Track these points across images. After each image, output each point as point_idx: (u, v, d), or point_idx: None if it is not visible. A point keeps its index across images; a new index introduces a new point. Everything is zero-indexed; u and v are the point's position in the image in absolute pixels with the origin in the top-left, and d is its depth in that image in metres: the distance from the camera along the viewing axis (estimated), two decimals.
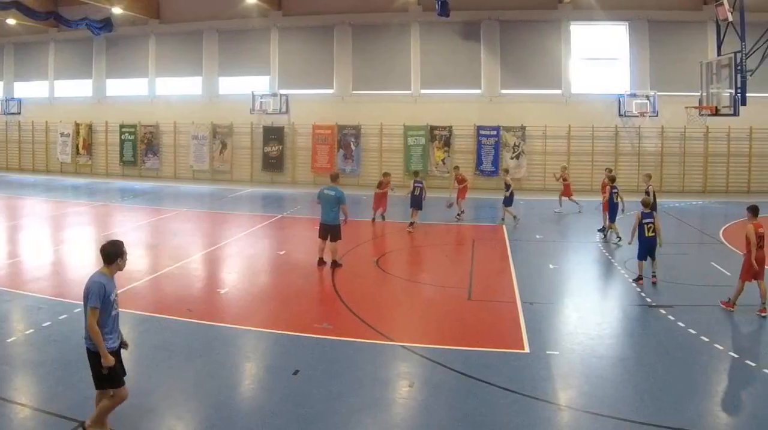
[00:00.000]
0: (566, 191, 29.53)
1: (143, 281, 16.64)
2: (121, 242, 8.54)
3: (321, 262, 18.14)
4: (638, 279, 16.78)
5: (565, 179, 29.68)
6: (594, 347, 12.28)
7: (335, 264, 17.92)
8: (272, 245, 22.20)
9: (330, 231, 17.99)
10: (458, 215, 27.16)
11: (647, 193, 21.54)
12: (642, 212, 16.86)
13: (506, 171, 28.34)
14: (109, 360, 8.01)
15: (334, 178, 18.75)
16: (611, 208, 23.38)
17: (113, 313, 8.34)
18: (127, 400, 8.55)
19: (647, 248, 16.78)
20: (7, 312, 13.96)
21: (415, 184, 25.20)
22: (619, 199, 23.64)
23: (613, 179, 24.51)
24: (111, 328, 8.27)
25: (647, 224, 16.74)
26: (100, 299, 8.02)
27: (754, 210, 14.64)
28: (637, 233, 16.95)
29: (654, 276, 16.84)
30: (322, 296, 16.03)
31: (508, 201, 25.84)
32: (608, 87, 37.01)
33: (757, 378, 10.87)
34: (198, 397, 9.91)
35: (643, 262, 16.85)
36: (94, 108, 42.30)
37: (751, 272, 14.20)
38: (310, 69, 39.17)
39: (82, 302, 8.22)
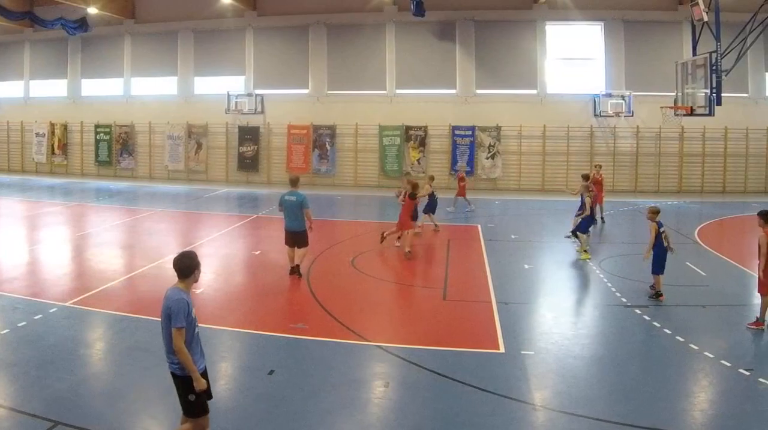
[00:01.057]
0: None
1: (118, 281, 16.20)
2: (195, 253, 7.79)
3: (293, 270, 16.45)
4: (659, 295, 14.97)
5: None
6: (569, 346, 12.02)
7: (296, 271, 16.48)
8: (247, 244, 21.50)
9: (295, 238, 16.64)
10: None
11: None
12: (658, 222, 15.19)
13: (431, 178, 25.58)
14: (201, 384, 7.42)
15: (294, 182, 17.02)
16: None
17: (196, 331, 7.66)
18: (103, 399, 8.76)
19: (665, 259, 15.18)
20: None
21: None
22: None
23: (587, 178, 23.04)
24: (196, 348, 7.61)
25: (663, 233, 15.27)
26: (186, 318, 7.33)
27: (765, 216, 13.11)
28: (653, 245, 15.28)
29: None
30: (298, 296, 15.47)
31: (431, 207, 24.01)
32: (583, 87, 36.00)
33: (732, 378, 10.57)
34: (172, 397, 9.22)
35: (662, 275, 15.14)
36: (69, 108, 40.87)
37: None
38: (285, 69, 37.91)
39: (157, 319, 7.63)
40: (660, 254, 15.04)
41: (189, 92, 38.90)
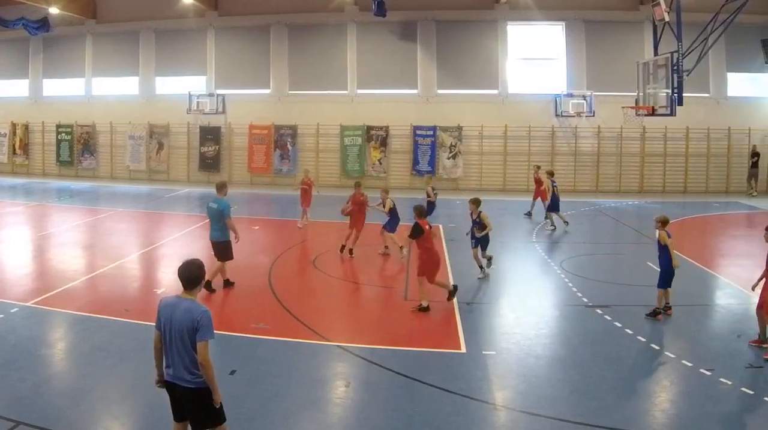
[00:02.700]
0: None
1: (80, 281, 15.67)
2: (202, 263, 7.05)
3: (227, 283, 14.98)
4: (667, 308, 13.35)
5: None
6: (531, 346, 11.77)
7: (209, 286, 14.20)
8: (209, 245, 19.35)
9: (214, 249, 14.73)
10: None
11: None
12: (668, 232, 13.20)
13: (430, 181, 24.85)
14: (220, 396, 6.88)
15: (219, 188, 14.94)
16: (554, 200, 23.13)
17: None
18: (65, 400, 8.82)
19: (673, 273, 13.14)
20: None
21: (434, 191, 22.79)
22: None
23: (552, 174, 24.38)
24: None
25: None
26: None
27: None
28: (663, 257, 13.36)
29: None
30: (259, 296, 14.82)
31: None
32: (545, 87, 34.46)
33: (693, 378, 10.36)
34: (134, 397, 9.42)
35: (669, 289, 13.37)
36: (30, 108, 38.82)
37: None
38: (246, 69, 36.17)
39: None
40: (670, 267, 13.10)
41: (150, 92, 37.04)
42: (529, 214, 26.15)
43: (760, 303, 11.51)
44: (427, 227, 13.94)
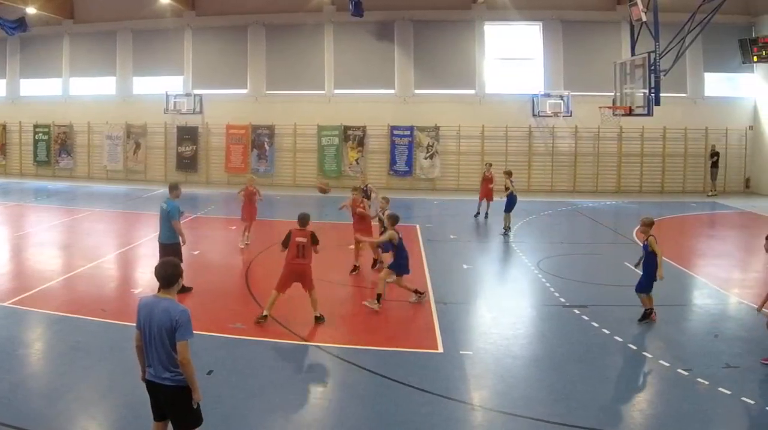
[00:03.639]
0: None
1: (57, 281, 15.31)
2: (178, 261, 7.05)
3: (182, 289, 13.52)
4: (648, 314, 12.73)
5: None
6: (508, 347, 11.59)
7: (183, 288, 13.21)
8: (187, 245, 18.99)
9: (163, 251, 13.96)
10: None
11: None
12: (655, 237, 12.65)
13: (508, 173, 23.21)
14: (200, 394, 6.78)
15: (171, 189, 14.32)
16: (510, 200, 22.12)
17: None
18: (42, 400, 8.79)
19: (654, 279, 12.62)
20: None
21: None
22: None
23: (510, 174, 22.98)
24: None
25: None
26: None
27: None
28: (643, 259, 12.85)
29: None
30: (236, 296, 14.69)
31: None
32: (522, 87, 33.65)
33: (671, 379, 10.14)
34: (111, 397, 9.23)
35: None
36: (7, 108, 37.71)
37: None
38: (223, 69, 35.20)
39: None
40: (653, 271, 12.50)
41: (128, 92, 36.03)
42: (477, 215, 25.11)
43: None
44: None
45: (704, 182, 33.25)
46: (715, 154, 32.49)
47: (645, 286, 12.59)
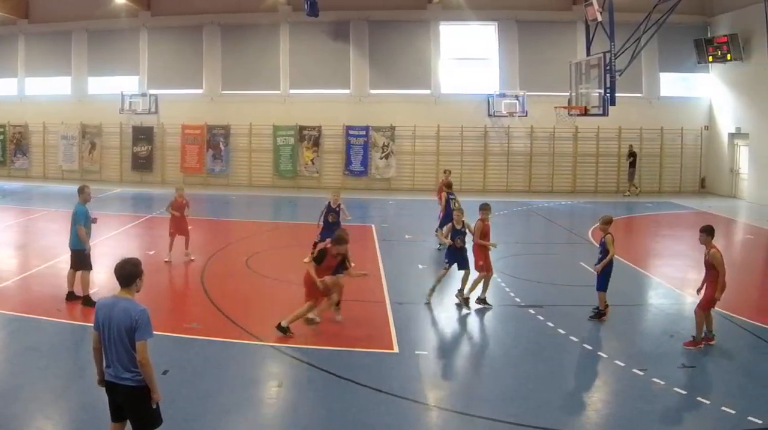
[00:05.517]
0: None
1: (12, 281, 14.86)
2: (139, 260, 6.71)
3: (70, 296, 12.96)
4: (602, 313, 12.47)
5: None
6: (463, 347, 11.59)
7: (87, 301, 12.58)
8: (141, 245, 19.50)
9: (72, 258, 13.00)
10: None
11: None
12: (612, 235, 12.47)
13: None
14: (159, 395, 6.55)
15: (79, 192, 13.16)
16: (447, 216, 18.26)
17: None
18: None
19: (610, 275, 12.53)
20: None
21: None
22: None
23: (449, 185, 19.32)
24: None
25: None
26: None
27: (711, 231, 11.00)
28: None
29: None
30: (192, 296, 14.47)
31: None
32: (477, 87, 32.33)
33: (626, 378, 9.92)
34: (67, 397, 8.93)
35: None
36: None
37: (713, 302, 10.85)
38: (179, 69, 33.70)
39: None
40: (610, 269, 12.42)
41: (83, 92, 34.40)
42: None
43: (702, 303, 10.85)
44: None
45: (660, 182, 32.17)
46: (632, 155, 31.19)
47: (603, 283, 12.37)
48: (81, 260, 12.88)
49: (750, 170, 29.62)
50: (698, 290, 11.08)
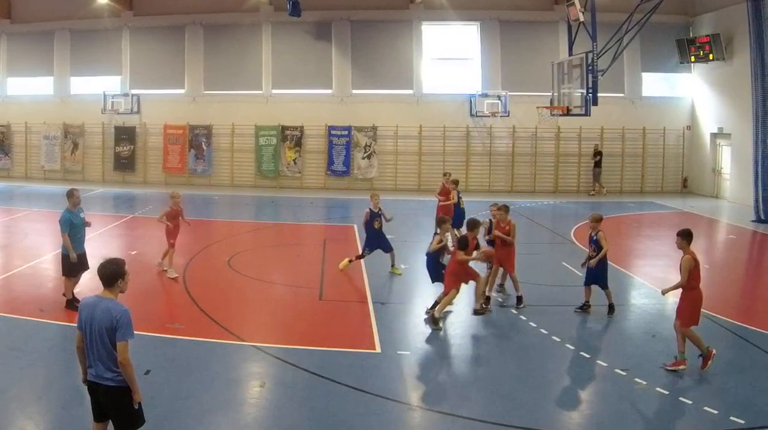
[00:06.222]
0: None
1: None
2: (123, 260, 6.64)
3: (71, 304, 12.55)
4: (587, 306, 12.78)
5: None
6: (445, 347, 11.35)
7: (69, 304, 12.34)
8: (124, 245, 19.44)
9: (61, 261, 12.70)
10: None
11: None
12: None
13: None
14: (139, 396, 6.50)
15: (67, 196, 12.61)
16: (458, 214, 18.87)
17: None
18: None
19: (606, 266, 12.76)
20: None
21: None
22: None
23: (457, 182, 19.89)
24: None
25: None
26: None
27: (688, 236, 10.16)
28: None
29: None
30: (174, 296, 14.15)
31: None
32: (460, 87, 31.85)
33: (609, 378, 9.80)
34: (49, 397, 8.83)
35: (590, 287, 12.81)
36: None
37: (696, 315, 10.03)
38: (161, 69, 33.10)
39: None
40: (605, 262, 12.59)
41: (65, 92, 33.82)
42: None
43: (679, 317, 10.08)
44: None
45: (642, 182, 31.67)
46: (598, 154, 30.82)
47: (600, 277, 12.46)
48: (64, 266, 12.47)
49: (732, 170, 29.18)
50: (664, 292, 10.47)
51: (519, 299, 13.10)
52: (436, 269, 12.95)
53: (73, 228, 12.31)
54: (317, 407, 8.71)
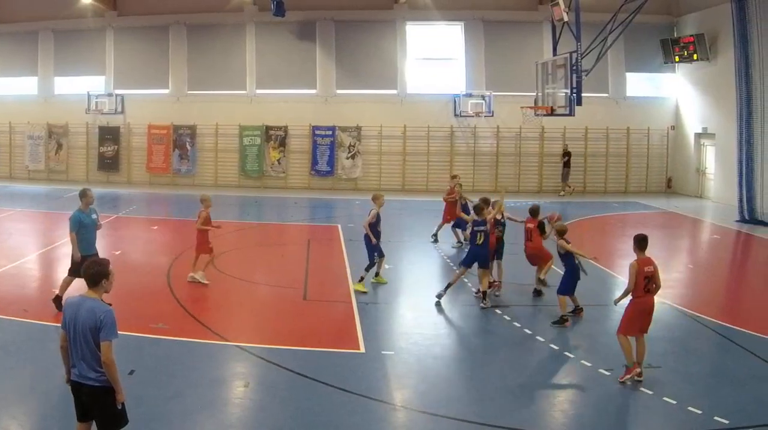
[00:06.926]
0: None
1: None
2: (107, 261, 6.61)
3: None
4: (578, 310, 12.43)
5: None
6: (430, 347, 11.11)
7: (56, 301, 12.12)
8: (108, 244, 18.33)
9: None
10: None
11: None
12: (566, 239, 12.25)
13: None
14: (123, 395, 6.42)
15: (80, 196, 12.55)
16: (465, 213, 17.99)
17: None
18: None
19: (577, 279, 12.21)
20: None
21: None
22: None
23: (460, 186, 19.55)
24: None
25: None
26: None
27: (640, 242, 9.83)
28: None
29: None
30: (158, 296, 13.88)
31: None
32: (444, 87, 31.50)
33: (593, 378, 9.72)
34: (34, 397, 8.77)
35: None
36: None
37: (636, 325, 9.59)
38: (145, 69, 32.59)
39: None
40: (574, 273, 12.18)
41: (49, 92, 33.25)
42: (435, 237, 19.73)
43: (622, 326, 9.71)
44: None
45: (626, 182, 31.38)
46: (567, 154, 30.44)
47: (567, 286, 12.07)
48: (72, 264, 12.23)
49: (716, 170, 28.84)
50: (616, 302, 10.15)
51: (484, 295, 13.02)
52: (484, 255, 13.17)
53: (83, 228, 12.18)
54: (301, 407, 8.65)
